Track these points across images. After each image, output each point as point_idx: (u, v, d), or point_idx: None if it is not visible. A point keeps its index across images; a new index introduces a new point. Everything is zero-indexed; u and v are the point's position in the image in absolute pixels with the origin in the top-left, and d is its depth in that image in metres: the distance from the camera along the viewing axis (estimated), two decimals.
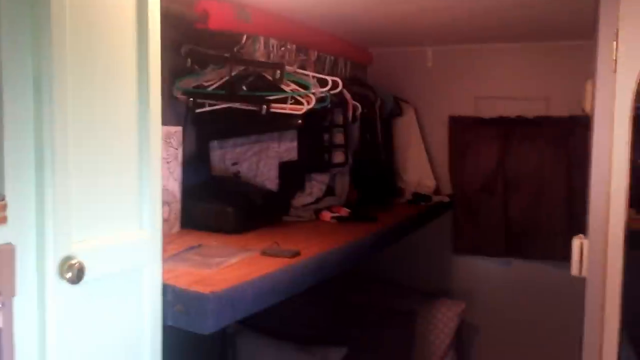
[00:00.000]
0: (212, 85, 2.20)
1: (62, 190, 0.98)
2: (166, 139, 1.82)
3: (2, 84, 0.90)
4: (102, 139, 1.06)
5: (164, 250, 1.65)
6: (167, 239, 1.79)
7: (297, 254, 1.62)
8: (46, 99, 0.95)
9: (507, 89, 3.04)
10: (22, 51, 0.94)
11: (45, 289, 0.99)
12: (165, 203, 1.84)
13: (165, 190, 1.84)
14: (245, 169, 2.29)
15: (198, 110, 2.19)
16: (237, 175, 2.29)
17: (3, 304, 0.93)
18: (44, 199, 0.97)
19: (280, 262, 1.55)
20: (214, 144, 2.30)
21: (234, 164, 2.30)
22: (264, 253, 1.61)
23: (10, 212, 0.93)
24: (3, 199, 0.92)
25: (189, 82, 2.23)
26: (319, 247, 1.78)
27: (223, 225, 1.92)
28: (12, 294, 0.95)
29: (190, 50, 2.21)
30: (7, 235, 0.94)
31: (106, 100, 1.07)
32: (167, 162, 1.84)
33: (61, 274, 1.00)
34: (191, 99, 2.15)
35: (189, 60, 2.15)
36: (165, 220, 1.84)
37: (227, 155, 2.30)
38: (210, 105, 2.18)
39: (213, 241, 1.78)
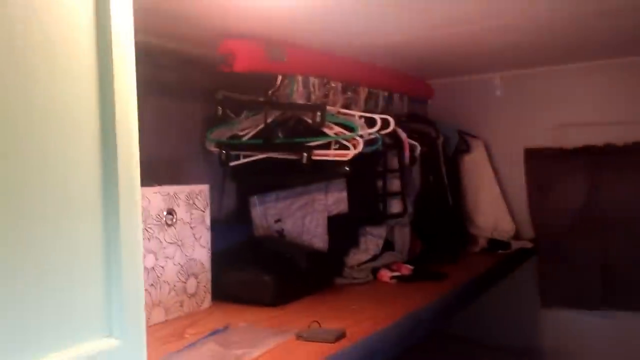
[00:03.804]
0: (248, 134, 1.97)
1: None
2: (189, 201, 1.58)
3: None
4: (43, 220, 0.79)
5: (184, 335, 1.39)
6: (193, 318, 1.54)
7: (341, 336, 1.31)
8: None
9: (591, 113, 2.64)
10: None
11: None
12: (192, 275, 1.59)
13: (191, 261, 1.59)
14: (289, 226, 2.02)
15: (232, 164, 1.95)
16: (280, 233, 2.02)
17: None
18: None
19: (320, 349, 1.25)
20: (255, 199, 2.05)
21: (277, 220, 2.03)
22: (300, 337, 1.31)
23: None
24: None
25: (223, 133, 2.00)
26: (373, 322, 1.46)
27: (259, 297, 1.64)
28: None
29: (223, 97, 2.00)
30: None
31: (53, 175, 0.81)
32: (192, 227, 1.59)
33: None
34: (223, 151, 1.92)
35: (219, 108, 1.93)
36: (192, 295, 1.59)
37: (269, 212, 2.04)
38: (245, 157, 1.94)
39: (243, 320, 1.49)
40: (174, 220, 1.54)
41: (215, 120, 2.00)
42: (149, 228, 1.46)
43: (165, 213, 1.51)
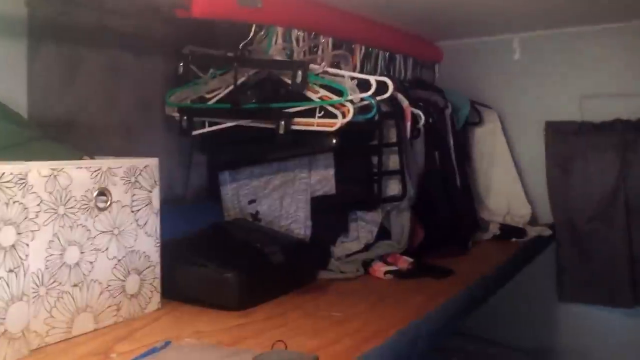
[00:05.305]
0: (216, 97, 1.63)
1: None
2: (129, 178, 1.25)
3: None
4: None
5: (110, 354, 1.07)
6: (132, 326, 1.22)
7: None
8: None
9: (624, 83, 2.30)
10: None
11: None
12: (133, 271, 1.27)
13: (133, 253, 1.27)
14: (265, 209, 1.69)
15: (196, 132, 1.62)
16: (255, 217, 1.70)
17: None
18: None
19: None
20: (225, 175, 1.72)
21: (251, 201, 1.71)
22: None
23: None
24: None
25: (188, 95, 1.67)
26: (356, 340, 1.14)
27: (220, 299, 1.31)
28: None
29: (191, 52, 1.65)
30: None
31: None
32: (134, 212, 1.26)
33: None
34: (184, 117, 1.58)
35: (181, 65, 1.59)
36: (133, 296, 1.27)
37: (241, 191, 1.71)
38: (210, 124, 1.61)
39: (195, 331, 1.18)
40: (108, 202, 1.21)
41: (179, 80, 1.66)
42: (71, 213, 1.13)
43: (95, 194, 1.18)
